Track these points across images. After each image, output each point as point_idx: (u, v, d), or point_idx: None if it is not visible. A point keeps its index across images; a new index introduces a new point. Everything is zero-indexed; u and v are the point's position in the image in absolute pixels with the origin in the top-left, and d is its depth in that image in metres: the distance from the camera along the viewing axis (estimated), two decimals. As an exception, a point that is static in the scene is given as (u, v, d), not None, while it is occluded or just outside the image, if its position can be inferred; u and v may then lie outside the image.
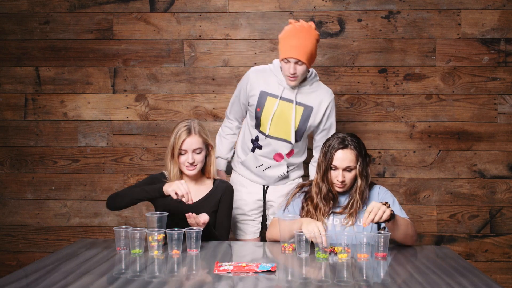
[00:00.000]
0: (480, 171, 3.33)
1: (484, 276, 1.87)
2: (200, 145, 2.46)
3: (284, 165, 2.73)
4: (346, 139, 2.34)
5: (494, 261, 3.35)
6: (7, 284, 1.75)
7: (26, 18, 3.46)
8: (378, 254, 2.09)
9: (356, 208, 2.31)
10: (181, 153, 2.45)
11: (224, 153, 2.88)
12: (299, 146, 2.73)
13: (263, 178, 2.78)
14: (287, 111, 2.63)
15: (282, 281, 1.82)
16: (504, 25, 3.30)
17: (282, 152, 2.70)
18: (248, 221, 2.81)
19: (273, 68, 2.70)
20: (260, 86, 2.66)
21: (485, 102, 3.32)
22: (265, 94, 2.65)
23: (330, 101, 2.69)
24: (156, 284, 1.76)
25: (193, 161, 2.44)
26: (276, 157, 2.71)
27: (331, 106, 2.70)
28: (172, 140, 2.45)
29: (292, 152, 2.73)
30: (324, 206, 2.34)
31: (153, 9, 3.41)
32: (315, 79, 2.71)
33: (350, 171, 2.33)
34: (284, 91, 2.63)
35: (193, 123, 2.49)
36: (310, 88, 2.67)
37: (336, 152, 2.31)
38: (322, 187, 2.34)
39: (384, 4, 3.33)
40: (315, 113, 2.66)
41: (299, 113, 2.64)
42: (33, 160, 3.48)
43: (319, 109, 2.66)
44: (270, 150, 2.70)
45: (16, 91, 3.48)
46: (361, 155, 2.34)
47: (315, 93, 2.67)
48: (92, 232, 3.48)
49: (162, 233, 2.14)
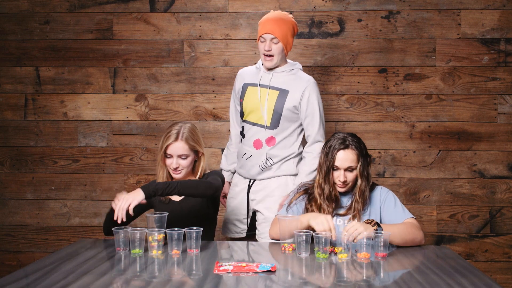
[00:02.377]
0: (480, 171, 3.33)
1: (484, 276, 1.87)
2: (186, 151, 2.41)
3: (263, 154, 2.70)
4: (347, 139, 2.34)
5: (494, 261, 3.35)
6: (7, 284, 1.75)
7: (26, 18, 3.46)
8: (378, 254, 2.09)
9: (358, 209, 2.32)
10: (167, 156, 2.43)
11: (226, 165, 2.93)
12: (281, 135, 2.70)
13: (247, 168, 2.76)
14: (262, 96, 2.71)
15: (282, 281, 1.82)
16: (504, 25, 3.30)
17: (261, 138, 2.71)
18: (236, 222, 2.81)
19: (258, 64, 2.82)
20: (244, 80, 2.81)
21: (485, 102, 3.32)
22: (246, 85, 2.79)
23: (308, 85, 2.69)
24: (156, 284, 1.76)
25: (177, 166, 2.42)
26: (255, 144, 2.72)
27: (309, 90, 2.69)
28: (161, 141, 2.44)
29: (273, 140, 2.70)
30: (327, 206, 2.34)
31: (153, 9, 3.41)
32: (297, 67, 2.77)
33: (351, 171, 2.33)
34: (261, 79, 2.74)
35: (184, 128, 2.44)
36: (288, 73, 2.73)
37: (338, 152, 2.32)
38: (324, 187, 2.34)
39: (384, 4, 3.33)
40: (291, 97, 2.68)
41: (274, 97, 2.69)
42: (33, 160, 3.48)
43: (295, 93, 2.68)
44: (250, 136, 2.74)
45: (16, 91, 3.48)
46: (362, 155, 2.34)
47: (293, 78, 2.72)
48: (92, 232, 3.48)
49: (162, 233, 2.14)
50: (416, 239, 2.26)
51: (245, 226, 2.79)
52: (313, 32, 3.36)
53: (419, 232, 2.28)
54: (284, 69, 2.73)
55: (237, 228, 2.80)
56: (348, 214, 2.34)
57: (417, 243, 2.27)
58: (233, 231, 2.81)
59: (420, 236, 2.27)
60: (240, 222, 2.79)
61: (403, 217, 2.30)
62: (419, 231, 2.28)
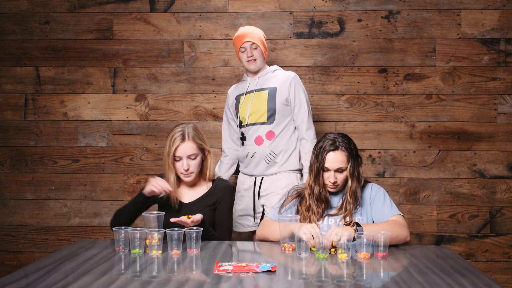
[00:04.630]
0: (480, 171, 3.33)
1: (484, 276, 1.87)
2: (195, 150, 2.43)
3: (266, 148, 2.91)
4: (337, 141, 2.34)
5: (494, 261, 3.35)
6: (7, 284, 1.75)
7: (26, 18, 3.46)
8: (378, 254, 2.09)
9: (349, 210, 2.32)
10: (176, 159, 2.43)
11: (222, 172, 3.13)
12: (278, 127, 2.91)
13: (253, 166, 2.95)
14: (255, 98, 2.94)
15: (282, 281, 1.82)
16: (504, 25, 3.30)
17: (261, 134, 2.92)
18: (246, 216, 2.98)
19: (243, 77, 3.08)
20: (234, 94, 3.08)
21: (485, 102, 3.32)
22: (238, 96, 3.04)
23: (292, 78, 2.95)
24: (156, 284, 1.76)
25: (188, 167, 2.42)
26: (257, 141, 2.93)
27: (294, 81, 2.95)
28: (167, 146, 2.43)
29: (272, 134, 2.92)
30: (317, 207, 2.34)
31: (153, 9, 3.41)
32: (277, 68, 3.03)
33: (341, 172, 2.33)
34: (249, 86, 2.99)
35: (187, 128, 2.45)
36: (271, 74, 3.00)
37: (328, 154, 2.32)
38: (314, 188, 2.35)
39: (384, 4, 3.33)
40: (280, 91, 2.92)
41: (265, 96, 2.92)
42: (33, 160, 3.48)
43: (282, 87, 2.93)
44: (250, 136, 2.95)
45: (16, 91, 3.48)
46: (352, 156, 2.34)
47: (277, 76, 2.98)
48: (92, 232, 3.48)
49: (162, 233, 2.14)
50: (400, 237, 2.22)
51: (256, 220, 2.96)
52: (313, 32, 3.37)
53: (403, 229, 2.23)
54: (267, 71, 3.00)
55: (248, 221, 2.98)
56: (339, 214, 2.34)
57: (401, 241, 2.24)
58: (245, 225, 2.99)
59: (404, 233, 2.22)
60: (250, 216, 2.98)
61: (390, 214, 2.29)
62: (402, 228, 2.23)
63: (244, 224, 2.99)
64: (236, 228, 2.98)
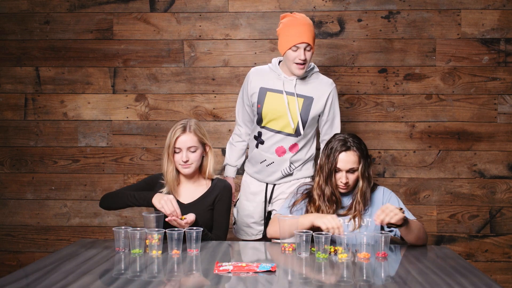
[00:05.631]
0: (480, 171, 3.33)
1: (484, 276, 1.87)
2: (195, 143, 2.43)
3: (287, 160, 2.69)
4: (348, 141, 2.34)
5: (494, 261, 3.35)
6: (7, 284, 1.75)
7: (26, 18, 3.46)
8: (379, 254, 2.09)
9: (359, 210, 2.32)
10: (176, 151, 2.43)
11: (233, 160, 2.88)
12: (303, 140, 2.70)
13: (266, 174, 2.74)
14: (290, 104, 2.64)
15: (282, 281, 1.82)
16: (504, 25, 3.30)
17: (284, 145, 2.68)
18: (253, 224, 2.80)
19: (272, 66, 2.75)
20: (259, 83, 2.70)
21: (485, 102, 3.32)
22: (264, 90, 2.68)
23: (331, 90, 2.69)
24: (156, 284, 1.76)
25: (187, 159, 2.41)
26: (278, 151, 2.69)
27: (332, 95, 2.69)
28: (168, 138, 2.44)
29: (296, 147, 2.69)
30: (327, 208, 2.33)
31: (153, 9, 3.41)
32: (314, 70, 2.73)
33: (353, 172, 2.33)
34: (285, 85, 2.65)
35: (190, 122, 2.47)
36: (309, 79, 2.69)
37: (339, 154, 2.32)
38: (325, 189, 2.34)
39: (384, 4, 3.33)
40: (316, 103, 2.65)
41: (300, 105, 2.64)
42: (33, 160, 3.48)
43: (319, 99, 2.66)
44: (271, 144, 2.69)
45: (16, 91, 3.48)
46: (363, 156, 2.34)
47: (315, 83, 2.69)
48: (92, 232, 3.48)
49: (162, 233, 2.14)
50: (425, 240, 2.32)
51: (261, 228, 2.79)
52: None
53: (426, 233, 2.34)
54: (305, 75, 2.68)
55: (254, 230, 2.80)
56: (349, 215, 2.34)
57: (423, 243, 2.32)
58: (250, 233, 2.80)
59: (426, 237, 2.34)
60: (257, 224, 2.79)
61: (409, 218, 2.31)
62: (425, 232, 2.34)
63: (249, 232, 2.80)
64: (240, 235, 2.84)
